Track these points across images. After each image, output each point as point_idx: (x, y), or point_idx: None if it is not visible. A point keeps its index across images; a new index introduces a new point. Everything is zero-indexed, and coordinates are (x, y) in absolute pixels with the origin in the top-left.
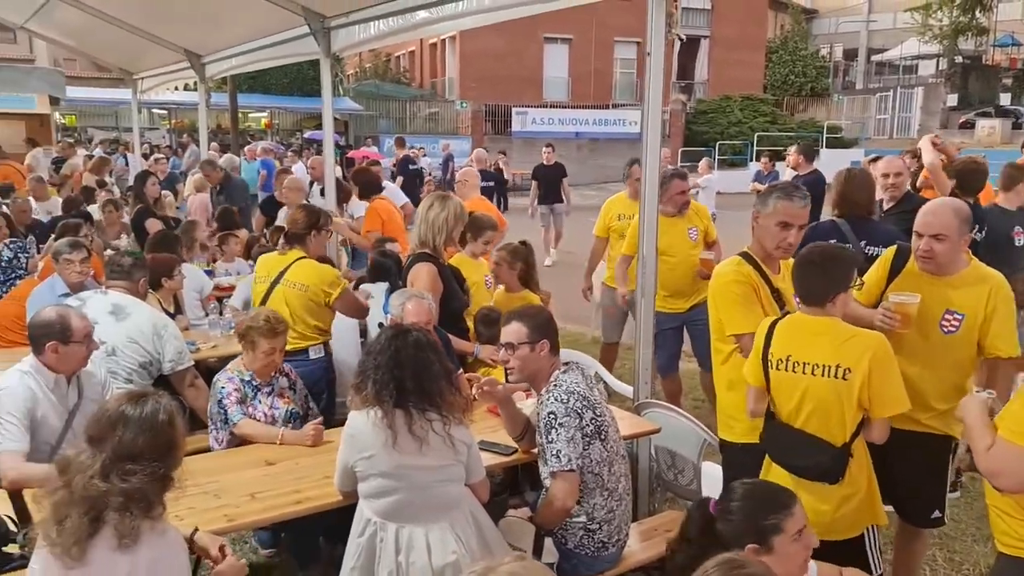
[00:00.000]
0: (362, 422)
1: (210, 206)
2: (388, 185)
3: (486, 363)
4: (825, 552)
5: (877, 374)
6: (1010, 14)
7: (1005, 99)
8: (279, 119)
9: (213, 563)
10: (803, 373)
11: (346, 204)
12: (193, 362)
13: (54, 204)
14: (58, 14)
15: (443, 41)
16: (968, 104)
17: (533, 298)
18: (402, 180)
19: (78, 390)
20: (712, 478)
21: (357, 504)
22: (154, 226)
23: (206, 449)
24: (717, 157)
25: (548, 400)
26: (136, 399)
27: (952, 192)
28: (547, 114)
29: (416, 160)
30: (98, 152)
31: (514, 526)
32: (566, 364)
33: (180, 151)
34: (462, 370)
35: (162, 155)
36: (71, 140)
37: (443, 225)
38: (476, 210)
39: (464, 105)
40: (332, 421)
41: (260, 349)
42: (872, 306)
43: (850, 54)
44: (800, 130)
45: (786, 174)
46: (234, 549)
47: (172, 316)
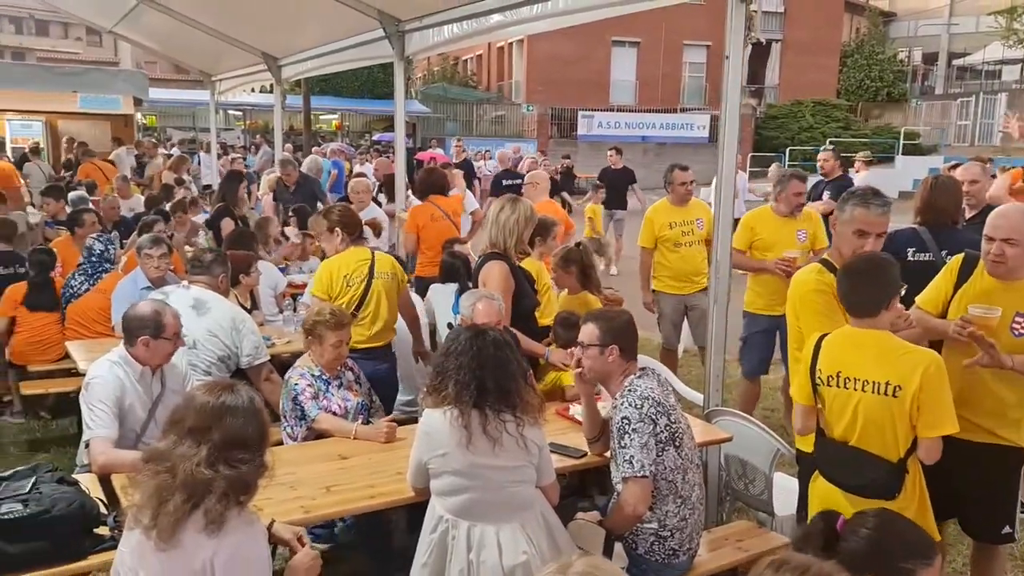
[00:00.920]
0: (438, 420)
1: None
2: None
3: (556, 367)
4: None
5: (927, 393)
6: None
7: None
8: (349, 121)
9: (292, 551)
10: (854, 389)
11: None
12: (269, 357)
13: (137, 202)
14: (145, 19)
15: (510, 44)
16: None
17: (592, 300)
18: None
19: (161, 381)
20: (785, 490)
21: (428, 501)
22: (228, 225)
23: (278, 442)
24: (787, 163)
25: (622, 405)
26: (229, 388)
27: None
28: (613, 118)
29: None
30: (175, 151)
31: (584, 529)
32: (641, 369)
33: (254, 150)
34: (531, 371)
35: (238, 154)
36: (153, 140)
37: (514, 227)
38: (545, 213)
39: (530, 108)
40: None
41: (328, 342)
42: (940, 315)
43: (929, 58)
44: (875, 136)
45: (859, 179)
46: None
47: (248, 312)
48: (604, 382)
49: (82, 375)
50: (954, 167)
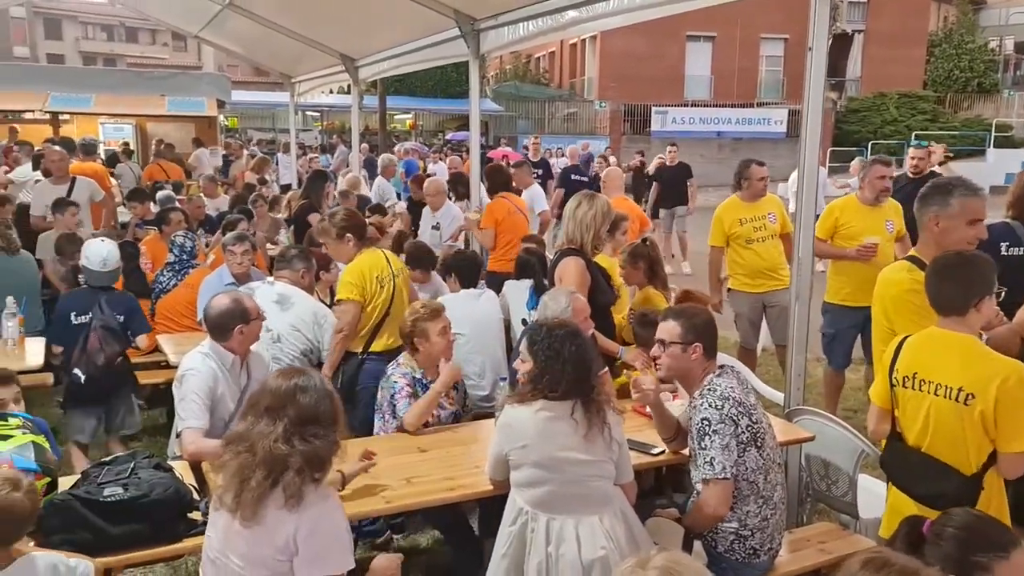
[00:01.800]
0: (519, 414)
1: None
2: (535, 190)
3: (631, 365)
4: None
5: (1004, 406)
6: None
7: None
8: (423, 120)
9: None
10: (928, 392)
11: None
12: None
13: (222, 201)
14: (229, 23)
15: (583, 41)
16: None
17: (655, 296)
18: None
19: (248, 372)
20: (871, 493)
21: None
22: (314, 221)
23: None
24: (870, 157)
25: (702, 405)
26: (300, 373)
27: None
28: (688, 113)
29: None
30: (255, 151)
31: (663, 526)
32: (721, 367)
33: (331, 150)
34: (607, 369)
35: (315, 154)
36: (239, 142)
37: (591, 223)
38: (619, 209)
39: (603, 105)
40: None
41: (434, 334)
42: None
43: (1022, 47)
44: (964, 128)
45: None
46: None
47: (329, 307)
48: (683, 380)
49: (172, 367)
50: None
